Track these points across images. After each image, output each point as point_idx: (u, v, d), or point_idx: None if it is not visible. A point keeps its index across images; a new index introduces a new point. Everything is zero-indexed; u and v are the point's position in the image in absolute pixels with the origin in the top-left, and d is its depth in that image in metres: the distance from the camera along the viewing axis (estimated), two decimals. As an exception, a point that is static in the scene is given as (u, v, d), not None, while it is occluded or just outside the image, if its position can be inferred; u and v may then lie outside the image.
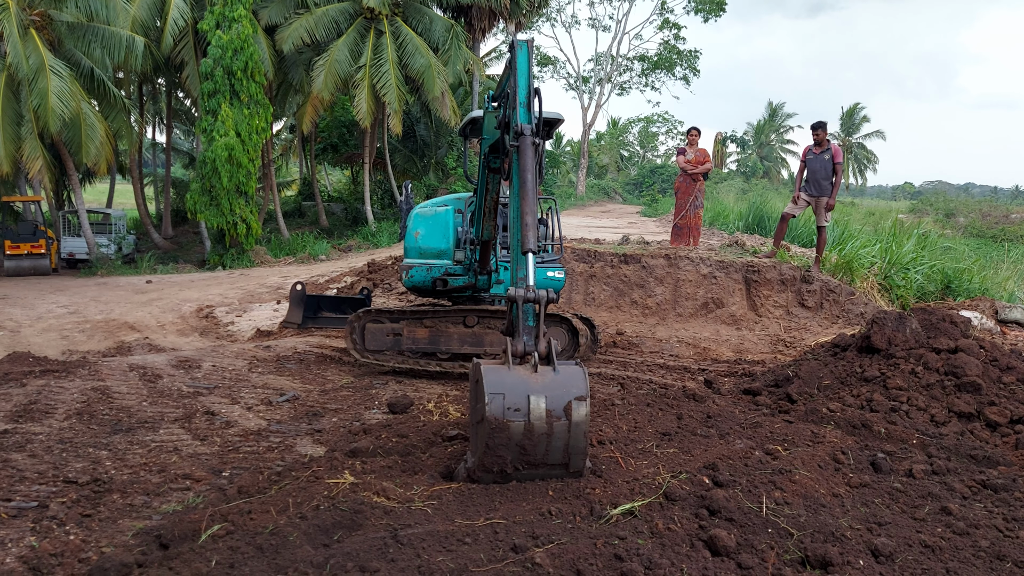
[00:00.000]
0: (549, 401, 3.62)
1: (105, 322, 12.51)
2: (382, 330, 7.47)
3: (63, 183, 28.69)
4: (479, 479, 3.76)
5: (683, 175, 12.42)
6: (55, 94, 19.86)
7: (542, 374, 3.72)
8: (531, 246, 4.28)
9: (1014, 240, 30.96)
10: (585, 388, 3.70)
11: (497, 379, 3.66)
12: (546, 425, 3.61)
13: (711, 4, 47.29)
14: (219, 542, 3.10)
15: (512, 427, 3.60)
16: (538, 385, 3.67)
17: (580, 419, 3.64)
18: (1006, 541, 3.31)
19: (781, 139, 76.90)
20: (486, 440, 3.63)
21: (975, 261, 13.72)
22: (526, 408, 3.60)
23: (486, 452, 3.66)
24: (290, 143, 45.57)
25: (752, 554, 3.04)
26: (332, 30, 25.56)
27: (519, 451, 3.65)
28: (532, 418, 3.60)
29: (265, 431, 5.53)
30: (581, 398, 3.66)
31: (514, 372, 3.72)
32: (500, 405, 3.59)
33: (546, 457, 3.69)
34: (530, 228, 4.36)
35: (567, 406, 3.63)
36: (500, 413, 3.58)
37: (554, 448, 3.67)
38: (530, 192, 4.53)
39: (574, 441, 3.67)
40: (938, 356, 5.73)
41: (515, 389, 3.63)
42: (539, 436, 3.63)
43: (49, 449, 4.83)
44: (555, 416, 3.62)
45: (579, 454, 3.72)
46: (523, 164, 4.63)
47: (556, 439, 3.65)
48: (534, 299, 4.00)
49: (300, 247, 25.20)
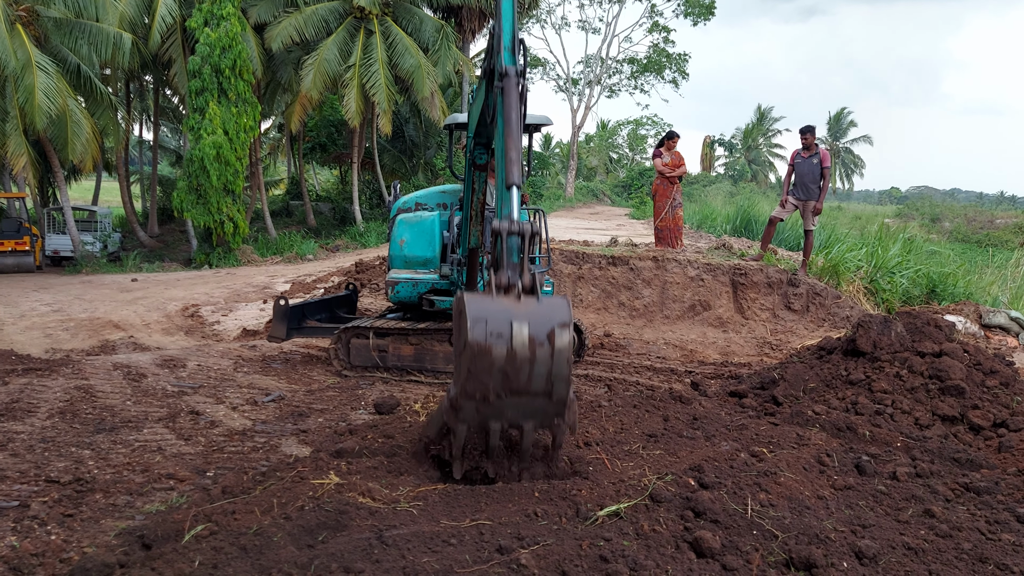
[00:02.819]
0: (532, 327, 3.57)
1: (89, 320, 12.42)
2: (368, 346, 7.49)
3: (48, 180, 28.47)
4: (461, 408, 3.71)
5: (661, 178, 12.45)
6: (41, 90, 19.69)
7: (525, 303, 3.68)
8: (515, 180, 4.30)
9: (998, 245, 31.28)
10: (568, 316, 3.65)
11: (480, 306, 3.62)
12: (528, 351, 3.56)
13: (700, 8, 47.49)
14: (203, 542, 3.08)
15: (494, 352, 3.54)
16: (521, 312, 3.62)
17: (563, 346, 3.59)
18: (988, 543, 3.33)
19: (769, 143, 77.35)
20: (468, 365, 3.58)
21: (960, 266, 13.83)
22: (508, 334, 3.54)
23: (468, 378, 3.60)
24: (278, 142, 45.41)
25: (737, 556, 3.04)
26: (321, 29, 25.48)
27: (501, 377, 3.59)
28: (515, 344, 3.54)
29: (250, 431, 5.50)
30: (564, 325, 3.61)
31: (497, 301, 3.68)
32: (483, 330, 3.53)
33: (529, 385, 3.63)
34: (514, 163, 4.38)
35: (550, 333, 3.58)
36: (482, 338, 3.53)
37: (537, 375, 3.61)
38: (514, 129, 4.53)
39: (557, 368, 3.61)
40: (923, 360, 5.77)
41: (498, 316, 3.58)
42: (522, 362, 3.57)
43: (31, 448, 4.79)
44: (538, 342, 3.56)
45: (562, 381, 3.66)
46: (507, 103, 4.63)
47: (539, 365, 3.59)
48: (518, 232, 3.99)
49: (287, 246, 25.10)
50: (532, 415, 3.79)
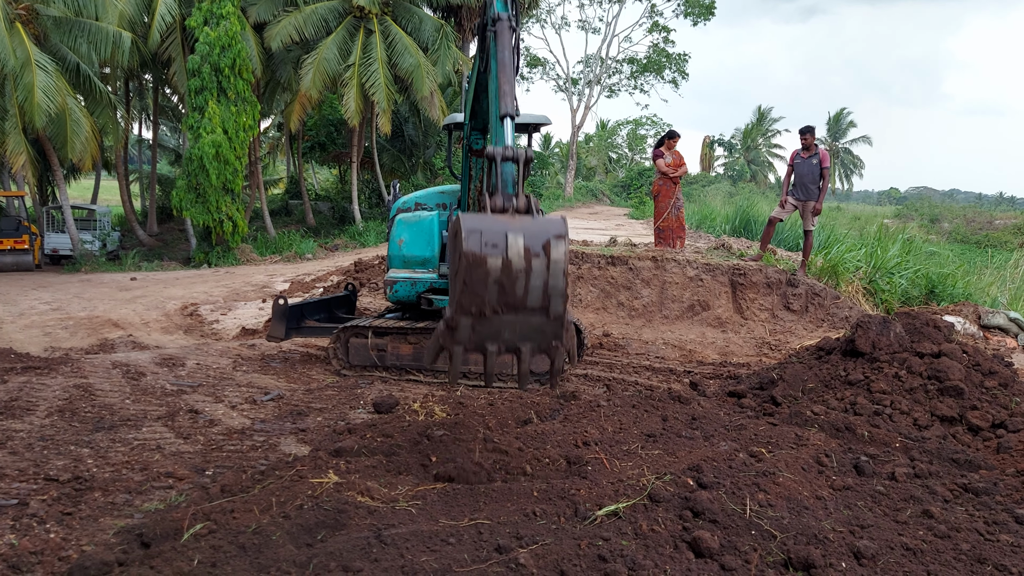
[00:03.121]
0: (527, 238, 3.55)
1: (88, 319, 12.41)
2: (366, 345, 7.49)
3: (47, 178, 28.46)
4: (456, 328, 3.66)
5: (664, 178, 12.40)
6: (41, 89, 19.69)
7: (521, 219, 3.66)
8: (508, 110, 4.33)
9: (997, 246, 31.30)
10: (565, 229, 3.61)
11: (475, 220, 3.60)
12: (524, 262, 3.53)
13: (700, 8, 47.48)
14: (201, 541, 3.08)
15: (489, 262, 3.50)
16: (516, 225, 3.59)
17: (559, 257, 3.56)
18: (987, 544, 3.33)
19: (768, 143, 77.36)
20: (463, 277, 3.54)
21: (959, 267, 13.84)
22: (504, 245, 3.52)
23: (463, 291, 3.56)
24: (277, 141, 45.37)
25: (735, 556, 3.05)
26: (321, 28, 25.46)
27: (497, 290, 3.55)
28: (510, 254, 3.51)
29: (249, 430, 5.50)
30: (560, 236, 3.58)
31: (493, 217, 3.67)
32: (478, 241, 3.51)
33: (525, 299, 3.59)
34: (507, 95, 4.42)
35: (546, 243, 3.55)
36: (477, 248, 3.50)
37: (533, 287, 3.57)
38: (507, 66, 4.60)
39: (553, 281, 3.58)
40: (921, 360, 5.78)
41: (493, 228, 3.56)
42: (517, 272, 3.53)
43: (30, 446, 4.79)
44: (533, 253, 3.54)
45: (558, 296, 3.63)
46: (500, 44, 4.71)
47: (535, 277, 3.56)
48: (512, 157, 3.98)
49: (286, 246, 25.09)
50: (529, 336, 3.74)
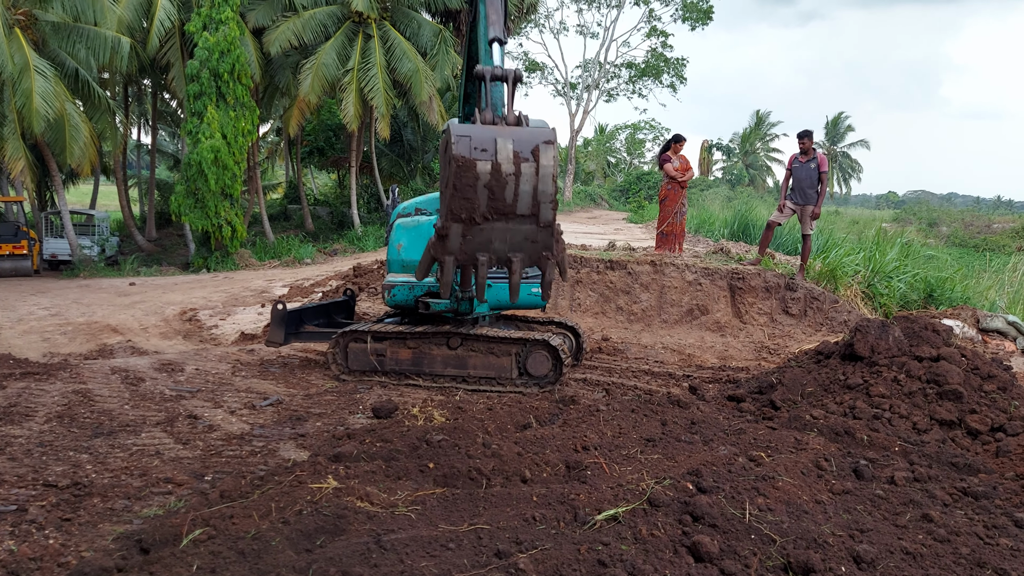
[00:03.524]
0: (516, 144, 3.61)
1: (87, 324, 12.40)
2: (365, 350, 7.49)
3: (46, 184, 28.46)
4: (447, 235, 3.70)
5: (671, 182, 12.36)
6: (39, 94, 19.69)
7: (510, 128, 3.73)
8: (497, 35, 4.54)
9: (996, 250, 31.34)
10: (553, 135, 3.68)
11: (465, 127, 3.67)
12: (513, 166, 3.59)
13: (698, 13, 47.54)
14: (200, 547, 3.08)
15: (479, 166, 3.57)
16: (506, 132, 3.66)
17: (548, 162, 3.63)
18: (986, 548, 3.33)
19: (767, 147, 77.46)
20: (453, 181, 3.58)
21: (957, 270, 13.85)
22: (493, 149, 3.58)
23: (453, 195, 3.60)
24: (276, 146, 45.39)
25: (735, 560, 3.05)
26: (320, 33, 25.49)
27: (487, 195, 3.60)
28: (499, 158, 3.58)
29: (248, 435, 5.50)
30: (549, 142, 3.64)
31: (482, 125, 3.73)
32: (467, 145, 3.57)
33: (515, 205, 3.64)
34: (494, 23, 4.62)
35: (534, 149, 3.61)
36: (467, 151, 3.56)
37: (522, 193, 3.63)
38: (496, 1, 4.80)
39: (542, 186, 3.64)
40: (920, 364, 5.78)
41: (482, 133, 3.63)
42: (507, 177, 3.59)
43: (29, 452, 4.78)
44: (522, 158, 3.60)
45: (547, 202, 3.69)
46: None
47: (524, 182, 3.61)
48: (501, 76, 4.07)
49: (285, 250, 25.08)
50: (520, 246, 3.79)
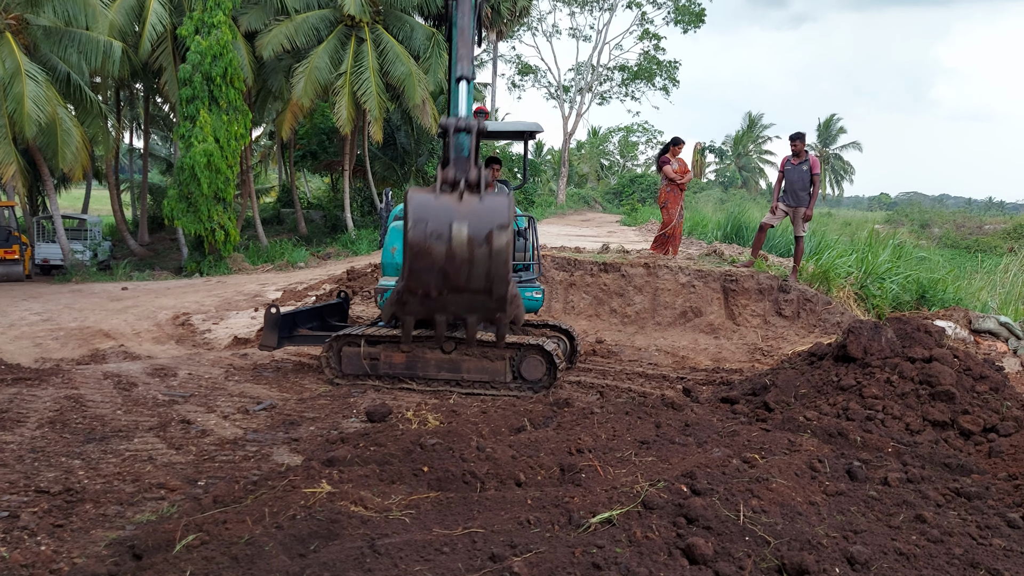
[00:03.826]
0: (471, 228, 3.71)
1: (79, 329, 12.35)
2: (359, 354, 7.47)
3: (38, 188, 28.36)
4: (405, 303, 3.88)
5: (671, 185, 12.33)
6: (31, 99, 19.63)
7: (467, 202, 3.79)
8: (465, 72, 4.55)
9: (987, 251, 31.48)
10: (508, 217, 3.78)
11: (422, 206, 3.75)
12: (467, 251, 3.70)
13: (690, 16, 47.70)
14: (194, 552, 3.07)
15: (434, 252, 3.69)
16: (462, 212, 3.74)
17: (500, 247, 3.74)
18: (979, 548, 3.34)
19: (759, 149, 77.73)
20: (409, 264, 3.73)
21: (949, 271, 13.91)
22: (448, 235, 3.69)
23: (410, 275, 3.77)
24: (269, 150, 45.33)
25: (729, 562, 3.05)
26: (312, 37, 25.49)
27: (441, 276, 3.75)
28: (454, 244, 3.69)
29: (241, 440, 5.48)
30: (503, 227, 3.75)
31: (440, 200, 3.79)
32: (423, 231, 3.69)
33: (468, 282, 3.79)
34: (464, 59, 4.65)
35: (489, 234, 3.72)
36: (423, 238, 3.69)
37: (476, 274, 3.76)
38: (466, 31, 4.86)
39: (495, 268, 3.76)
40: (913, 365, 5.79)
41: (438, 216, 3.72)
42: (461, 261, 3.72)
43: (20, 458, 4.76)
44: (476, 243, 3.71)
45: (500, 281, 3.82)
46: (461, 10, 5.00)
47: (478, 265, 3.74)
48: (465, 128, 4.08)
49: (278, 254, 25.04)
50: (474, 309, 3.97)
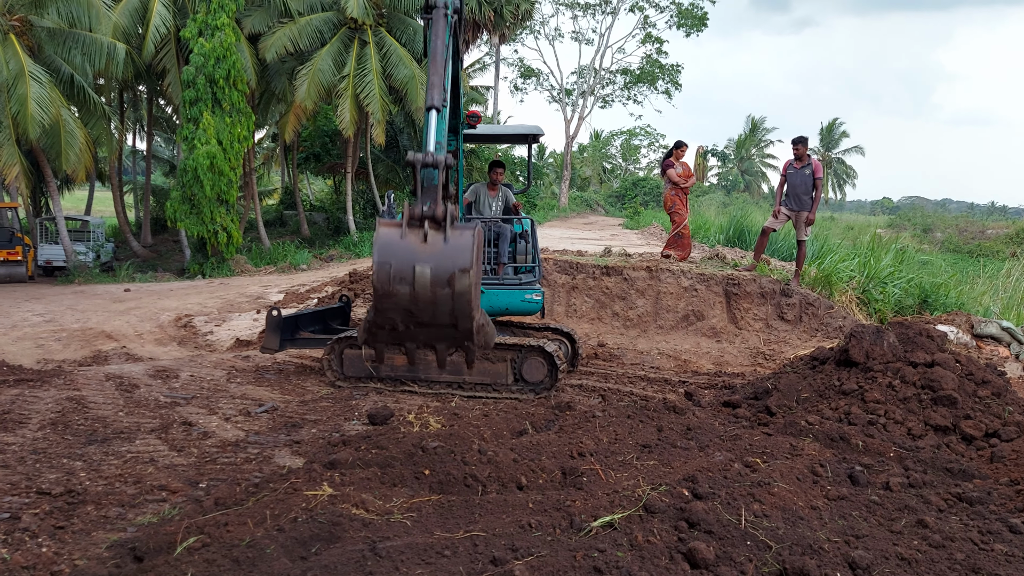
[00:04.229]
0: (434, 271, 3.76)
1: (82, 331, 12.36)
2: (361, 356, 7.47)
3: (41, 190, 28.41)
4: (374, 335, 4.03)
5: (675, 188, 12.27)
6: (34, 100, 19.66)
7: (432, 244, 3.82)
8: (434, 103, 4.51)
9: (990, 255, 31.42)
10: (470, 260, 3.81)
11: (387, 247, 3.81)
12: (430, 293, 3.77)
13: (693, 19, 47.71)
14: (195, 555, 3.07)
15: (398, 295, 3.77)
16: (425, 255, 3.78)
17: (463, 289, 3.79)
18: (981, 554, 3.33)
19: (762, 153, 77.70)
20: (375, 303, 3.81)
21: (952, 276, 13.88)
22: (411, 278, 3.75)
23: (376, 313, 3.85)
24: (272, 152, 45.36)
25: (731, 567, 3.04)
26: (316, 39, 25.53)
27: (406, 314, 3.84)
28: (417, 287, 3.75)
29: (243, 442, 5.48)
30: (465, 270, 3.79)
31: (405, 241, 3.83)
32: (387, 274, 3.76)
33: (433, 319, 3.88)
34: (435, 87, 4.59)
35: (451, 277, 3.77)
36: (387, 281, 3.76)
37: (440, 312, 3.85)
38: (438, 58, 4.78)
39: (459, 307, 3.83)
40: (915, 370, 5.79)
41: (402, 258, 3.78)
42: (424, 303, 3.80)
43: (22, 459, 4.76)
44: (439, 286, 3.77)
45: (465, 317, 3.89)
46: (434, 32, 4.95)
47: (441, 305, 3.82)
48: (432, 163, 4.09)
49: (281, 256, 25.06)
50: (442, 339, 4.09)
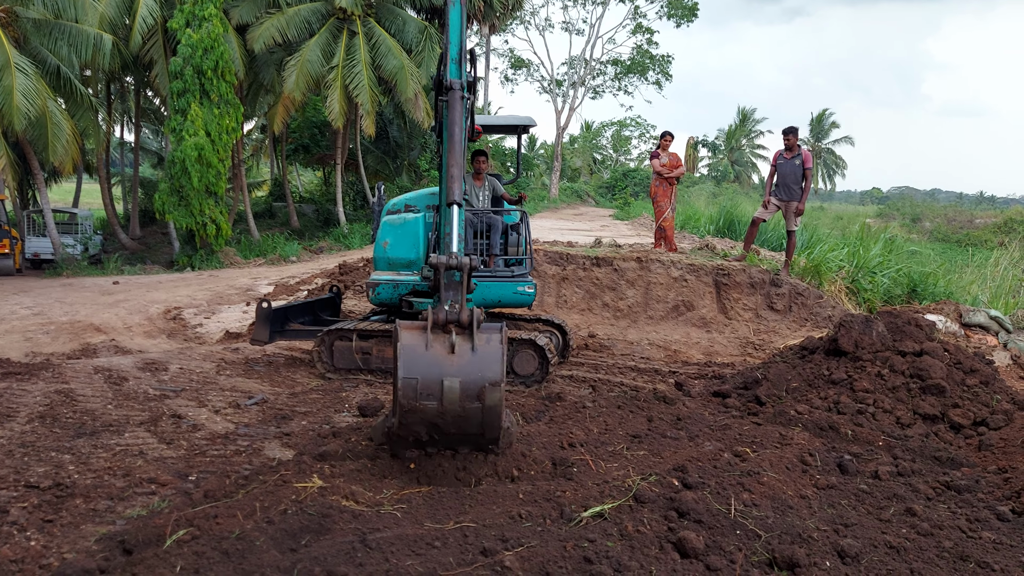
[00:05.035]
0: (463, 385, 3.61)
1: (70, 324, 12.29)
2: (351, 348, 7.45)
3: (28, 182, 28.19)
4: (397, 443, 3.92)
5: (659, 179, 12.33)
6: (20, 92, 19.47)
7: (459, 354, 3.67)
8: (455, 198, 4.34)
9: (978, 245, 31.61)
10: (500, 371, 3.66)
11: (412, 360, 3.64)
12: (459, 408, 3.62)
13: (683, 10, 47.66)
14: (184, 547, 3.06)
15: (426, 410, 3.62)
16: (453, 368, 3.63)
17: (493, 403, 3.64)
18: (969, 541, 3.36)
19: (752, 144, 77.78)
20: (400, 417, 3.66)
21: (940, 265, 13.97)
22: (439, 393, 3.59)
23: (401, 427, 3.71)
24: (261, 143, 45.16)
25: (720, 556, 3.06)
26: (304, 30, 25.36)
27: (433, 427, 3.71)
28: (445, 402, 3.60)
29: (233, 434, 5.46)
30: (495, 384, 3.64)
31: (430, 352, 3.67)
32: (413, 389, 3.59)
33: (460, 431, 3.74)
34: (455, 180, 4.41)
35: (481, 392, 3.62)
36: (413, 397, 3.59)
37: (468, 424, 3.70)
38: (456, 145, 4.59)
39: (488, 419, 3.68)
40: (904, 359, 5.82)
41: (429, 373, 3.62)
42: (453, 418, 3.65)
43: (10, 453, 4.73)
44: (468, 400, 3.62)
45: (492, 428, 3.76)
46: (451, 118, 4.70)
47: (470, 420, 3.67)
48: (456, 266, 3.97)
49: (270, 248, 24.95)
50: (467, 444, 3.94)
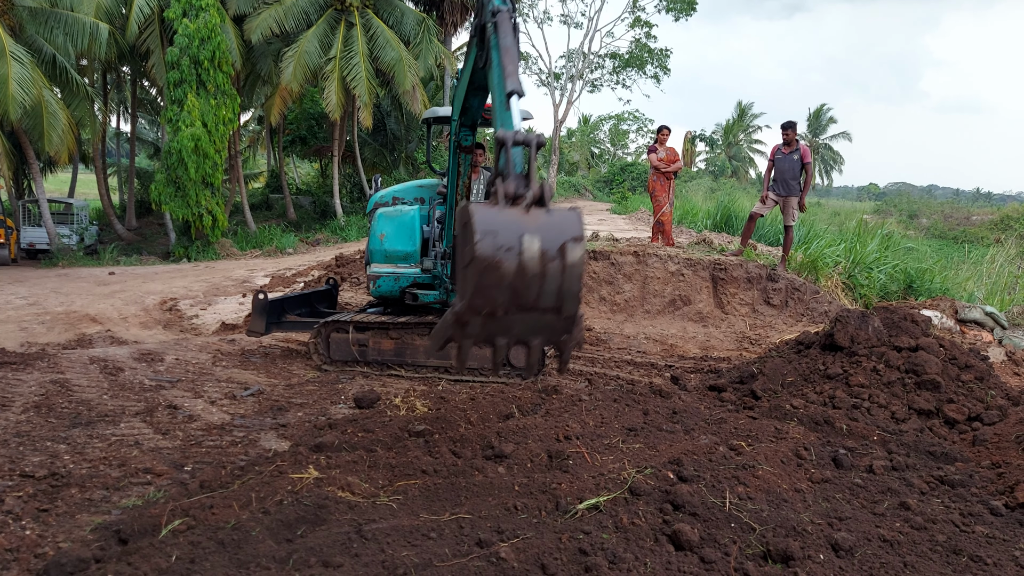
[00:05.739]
0: (543, 241, 3.44)
1: (66, 314, 12.27)
2: (348, 340, 7.45)
3: (23, 172, 28.07)
4: (467, 323, 3.57)
5: (657, 173, 12.33)
6: (16, 81, 19.38)
7: (535, 215, 3.51)
8: (515, 87, 4.23)
9: (974, 241, 31.65)
10: (580, 230, 3.52)
11: (489, 218, 3.45)
12: (540, 265, 3.44)
13: (682, 3, 47.49)
14: (180, 537, 3.06)
15: (504, 266, 3.40)
16: (532, 225, 3.47)
17: (575, 260, 3.47)
18: (962, 535, 3.37)
19: (749, 139, 77.73)
20: (476, 280, 3.42)
21: (937, 262, 14.00)
22: (519, 247, 3.41)
23: (475, 293, 3.46)
24: (258, 135, 44.97)
25: (715, 548, 3.07)
26: (302, 21, 25.27)
27: (510, 292, 3.47)
28: (525, 258, 3.41)
29: (228, 425, 5.46)
30: (577, 239, 3.48)
31: (506, 212, 3.51)
32: (492, 243, 3.38)
33: (538, 300, 3.51)
34: (511, 74, 4.31)
35: (562, 247, 3.45)
36: (492, 252, 3.38)
37: (547, 291, 3.50)
38: (512, 50, 4.51)
39: (568, 284, 3.51)
40: (899, 354, 5.83)
41: (507, 228, 3.44)
42: (532, 277, 3.44)
43: (5, 442, 4.73)
44: (549, 257, 3.44)
45: (572, 298, 3.56)
46: (503, 32, 4.62)
47: (549, 281, 3.47)
48: (523, 141, 3.84)
49: (267, 240, 24.91)
50: (540, 331, 3.69)
